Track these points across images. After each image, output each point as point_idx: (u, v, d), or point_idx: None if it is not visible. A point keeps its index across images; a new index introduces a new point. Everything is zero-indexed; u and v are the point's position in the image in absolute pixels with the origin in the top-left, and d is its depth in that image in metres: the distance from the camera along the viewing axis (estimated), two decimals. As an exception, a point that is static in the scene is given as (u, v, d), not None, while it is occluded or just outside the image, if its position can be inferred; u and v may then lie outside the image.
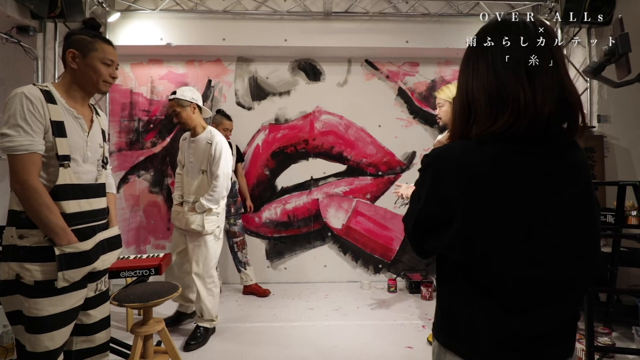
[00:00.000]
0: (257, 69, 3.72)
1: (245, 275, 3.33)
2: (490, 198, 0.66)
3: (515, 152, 0.67)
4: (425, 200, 0.72)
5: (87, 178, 1.34)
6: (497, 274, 0.67)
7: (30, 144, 1.20)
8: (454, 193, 0.68)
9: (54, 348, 1.23)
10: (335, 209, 3.75)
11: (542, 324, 0.68)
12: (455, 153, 0.70)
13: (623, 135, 3.28)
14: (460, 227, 0.67)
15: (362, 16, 3.46)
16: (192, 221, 2.40)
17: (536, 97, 0.64)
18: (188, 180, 2.55)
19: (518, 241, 0.66)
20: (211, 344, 2.41)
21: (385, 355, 2.27)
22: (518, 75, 0.66)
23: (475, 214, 0.67)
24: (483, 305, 0.69)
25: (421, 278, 3.46)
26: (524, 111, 0.65)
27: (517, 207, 0.66)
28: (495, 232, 0.66)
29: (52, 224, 1.21)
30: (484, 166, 0.67)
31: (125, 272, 1.90)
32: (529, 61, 0.66)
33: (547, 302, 0.68)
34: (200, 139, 2.49)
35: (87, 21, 1.37)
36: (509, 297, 0.68)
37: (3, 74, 3.04)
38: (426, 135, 3.75)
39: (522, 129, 0.65)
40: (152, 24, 3.36)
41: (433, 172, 0.71)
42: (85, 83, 1.35)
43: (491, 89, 0.68)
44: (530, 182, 0.67)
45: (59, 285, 1.21)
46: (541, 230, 0.66)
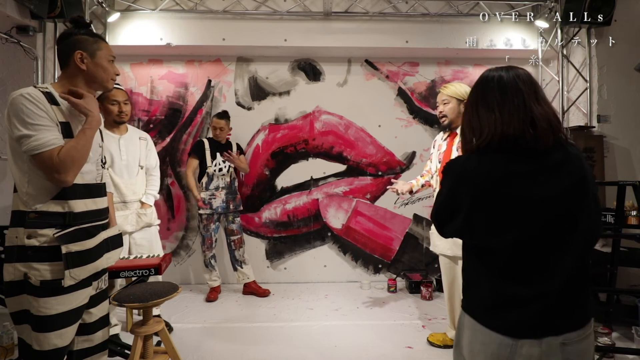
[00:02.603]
0: (257, 69, 3.72)
1: (241, 274, 3.31)
2: (485, 193, 0.90)
3: (504, 160, 0.92)
4: (444, 196, 0.99)
5: (90, 178, 1.35)
6: (492, 251, 0.91)
7: (56, 138, 1.20)
8: (461, 192, 0.93)
9: (62, 346, 1.24)
10: (335, 209, 3.75)
11: (534, 288, 0.88)
12: (461, 163, 0.98)
13: (623, 135, 3.29)
14: (465, 216, 0.93)
15: (362, 16, 3.46)
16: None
17: (503, 121, 0.92)
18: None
19: (507, 226, 0.89)
20: (211, 344, 2.41)
21: (385, 355, 2.27)
22: (493, 110, 0.95)
23: (475, 206, 0.91)
24: (484, 275, 0.93)
25: (421, 278, 3.46)
26: (494, 131, 0.93)
27: (505, 199, 0.89)
28: (489, 218, 0.90)
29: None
30: (481, 171, 0.92)
31: (125, 272, 1.90)
32: (498, 100, 0.96)
33: (536, 272, 0.89)
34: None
35: (76, 20, 1.37)
36: (503, 269, 0.90)
37: (3, 74, 3.04)
38: (426, 135, 3.75)
39: (496, 143, 0.92)
40: (152, 24, 3.36)
41: (447, 177, 0.99)
42: (94, 82, 1.35)
43: (474, 121, 0.99)
44: (513, 179, 0.90)
45: (65, 284, 1.22)
46: (520, 214, 0.89)
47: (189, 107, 3.68)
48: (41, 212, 1.23)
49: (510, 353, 0.87)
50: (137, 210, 2.46)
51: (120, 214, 2.34)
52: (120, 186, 2.38)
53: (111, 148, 2.35)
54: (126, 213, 2.40)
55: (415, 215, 3.78)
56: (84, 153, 1.25)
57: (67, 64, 1.32)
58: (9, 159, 1.26)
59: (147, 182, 2.58)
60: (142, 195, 2.52)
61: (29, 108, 1.18)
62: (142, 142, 2.56)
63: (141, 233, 2.49)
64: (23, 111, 1.18)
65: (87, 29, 1.37)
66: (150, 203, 2.57)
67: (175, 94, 3.68)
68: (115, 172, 2.37)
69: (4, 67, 3.05)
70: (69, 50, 1.30)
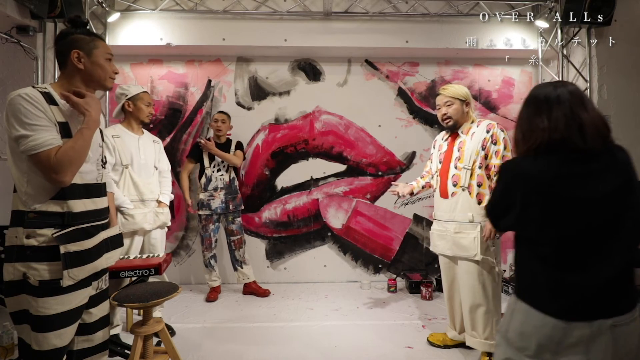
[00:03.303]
0: (257, 69, 3.72)
1: (241, 274, 3.31)
2: (537, 191, 1.01)
3: (556, 161, 1.01)
4: (499, 193, 1.12)
5: (90, 177, 1.35)
6: (545, 243, 1.02)
7: (53, 138, 1.20)
8: (516, 190, 1.05)
9: (61, 346, 1.24)
10: (335, 209, 3.75)
11: (584, 278, 0.98)
12: (517, 163, 1.10)
13: (623, 135, 3.27)
14: (519, 211, 1.04)
15: (362, 16, 3.46)
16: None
17: (550, 127, 1.03)
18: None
19: (558, 222, 1.00)
20: (211, 344, 2.41)
21: (385, 355, 2.27)
22: (541, 118, 1.05)
23: (528, 202, 1.02)
24: (538, 265, 1.03)
25: (421, 278, 3.46)
26: (542, 137, 1.04)
27: (555, 198, 1.00)
28: (541, 214, 1.01)
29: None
30: (534, 171, 1.03)
31: (125, 272, 1.90)
32: (545, 109, 1.06)
33: (586, 262, 0.99)
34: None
35: (73, 19, 1.37)
36: (556, 259, 1.01)
37: (3, 74, 3.05)
38: (426, 135, 3.75)
39: (544, 147, 1.03)
40: (152, 24, 3.36)
41: (503, 176, 1.11)
42: (92, 81, 1.35)
43: (524, 127, 1.10)
44: (564, 180, 1.00)
45: (64, 284, 1.22)
46: (570, 212, 0.99)
47: (189, 107, 3.68)
48: (40, 212, 1.23)
49: (562, 335, 0.97)
50: (154, 209, 2.51)
51: (139, 212, 2.40)
52: (139, 184, 2.43)
53: (131, 147, 2.42)
54: (144, 211, 2.44)
55: (415, 215, 3.78)
56: (82, 153, 1.25)
57: (65, 64, 1.33)
58: (9, 159, 1.26)
59: (160, 184, 2.63)
60: (158, 195, 2.57)
61: (27, 108, 1.18)
62: (156, 145, 2.64)
63: (155, 232, 2.53)
64: (21, 111, 1.18)
65: (84, 29, 1.36)
66: (167, 202, 2.62)
67: (175, 94, 3.68)
68: (134, 171, 2.42)
69: (4, 67, 3.05)
70: (66, 49, 1.31)
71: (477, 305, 2.08)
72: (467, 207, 2.09)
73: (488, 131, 2.09)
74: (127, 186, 2.39)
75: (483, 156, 2.09)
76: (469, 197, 2.09)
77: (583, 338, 0.96)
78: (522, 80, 3.82)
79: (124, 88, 2.49)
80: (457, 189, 2.13)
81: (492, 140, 2.07)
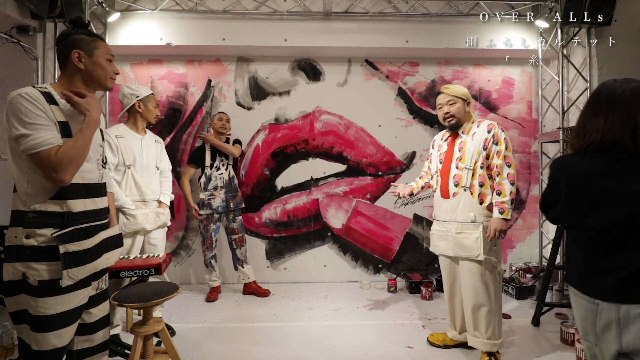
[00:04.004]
0: (257, 69, 3.72)
1: (242, 273, 3.31)
2: (580, 184, 1.12)
3: (604, 159, 1.09)
4: (550, 184, 1.25)
5: (90, 177, 1.35)
6: (585, 230, 1.12)
7: (53, 138, 1.20)
8: (562, 181, 1.17)
9: (61, 346, 1.24)
10: (335, 209, 3.75)
11: (617, 264, 1.07)
12: (566, 158, 1.21)
13: (623, 135, 3.28)
14: (564, 201, 1.17)
15: (362, 16, 3.46)
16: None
17: (605, 128, 1.10)
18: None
19: (596, 211, 1.09)
20: (211, 344, 2.41)
21: (385, 355, 2.27)
22: (598, 119, 1.13)
23: (571, 193, 1.14)
24: (579, 251, 1.15)
25: (421, 278, 3.46)
26: (595, 137, 1.12)
27: (596, 191, 1.09)
28: (582, 204, 1.12)
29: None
30: (581, 167, 1.13)
31: (125, 272, 1.90)
32: (604, 110, 1.13)
33: (620, 249, 1.07)
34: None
35: (74, 20, 1.37)
36: (593, 245, 1.11)
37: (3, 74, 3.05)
38: (426, 135, 3.75)
39: (596, 146, 1.11)
40: (152, 24, 3.36)
41: (553, 170, 1.23)
42: (93, 81, 1.36)
43: (581, 125, 1.19)
44: (607, 176, 1.08)
45: (63, 284, 1.21)
46: (609, 204, 1.07)
47: (189, 107, 3.68)
48: (40, 212, 1.23)
49: (594, 316, 1.08)
50: (155, 209, 2.52)
51: (140, 212, 2.41)
52: (140, 184, 2.44)
53: (134, 148, 2.43)
54: (146, 211, 2.45)
55: (415, 215, 3.78)
56: (82, 152, 1.25)
57: (65, 64, 1.33)
58: (9, 159, 1.26)
59: (161, 184, 2.64)
60: (159, 195, 2.58)
61: (27, 107, 1.18)
62: (158, 145, 2.65)
63: (156, 232, 2.54)
64: (21, 110, 1.18)
65: (85, 29, 1.37)
66: (167, 202, 2.63)
67: (175, 94, 3.68)
68: (137, 171, 2.43)
69: (4, 67, 3.05)
70: (66, 50, 1.31)
71: (480, 305, 2.08)
72: (468, 207, 2.09)
73: (489, 131, 2.09)
74: (129, 186, 2.40)
75: (485, 156, 2.09)
76: (471, 197, 2.09)
77: (612, 321, 1.04)
78: (522, 80, 3.82)
79: (134, 88, 2.49)
80: (459, 189, 2.13)
81: (494, 141, 2.07)
